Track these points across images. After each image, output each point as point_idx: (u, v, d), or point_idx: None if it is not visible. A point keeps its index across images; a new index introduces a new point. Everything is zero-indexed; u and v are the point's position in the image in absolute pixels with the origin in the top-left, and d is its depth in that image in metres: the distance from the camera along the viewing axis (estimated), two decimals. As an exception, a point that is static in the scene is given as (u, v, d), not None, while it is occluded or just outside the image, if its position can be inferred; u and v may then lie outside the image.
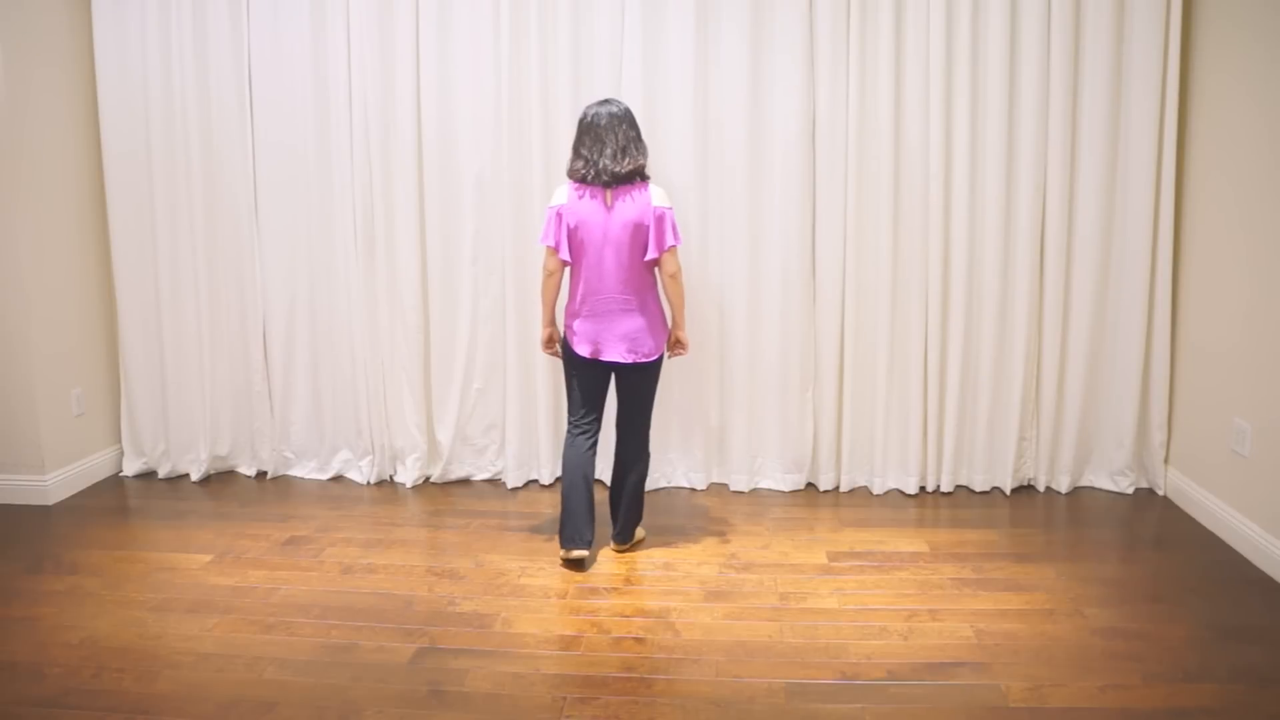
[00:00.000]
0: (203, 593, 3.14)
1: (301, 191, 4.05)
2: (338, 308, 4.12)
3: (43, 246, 3.89)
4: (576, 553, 3.27)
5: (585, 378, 3.30)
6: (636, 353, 3.22)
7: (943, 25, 3.71)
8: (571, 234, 3.18)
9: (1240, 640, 2.77)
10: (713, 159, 3.88)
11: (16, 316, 3.83)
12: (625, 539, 3.41)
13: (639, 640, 2.81)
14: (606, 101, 3.20)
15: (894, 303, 3.90)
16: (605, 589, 3.15)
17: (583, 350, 3.23)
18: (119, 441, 4.35)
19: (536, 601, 3.07)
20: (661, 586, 3.16)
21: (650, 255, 3.16)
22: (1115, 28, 3.70)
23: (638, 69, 3.80)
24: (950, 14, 3.72)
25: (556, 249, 3.19)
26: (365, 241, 4.03)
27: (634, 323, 3.20)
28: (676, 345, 3.38)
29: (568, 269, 3.30)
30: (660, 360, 3.31)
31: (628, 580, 3.22)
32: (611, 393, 3.56)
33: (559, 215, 3.18)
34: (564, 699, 2.52)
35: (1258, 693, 2.50)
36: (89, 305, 4.17)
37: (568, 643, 2.80)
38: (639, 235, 3.16)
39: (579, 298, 3.24)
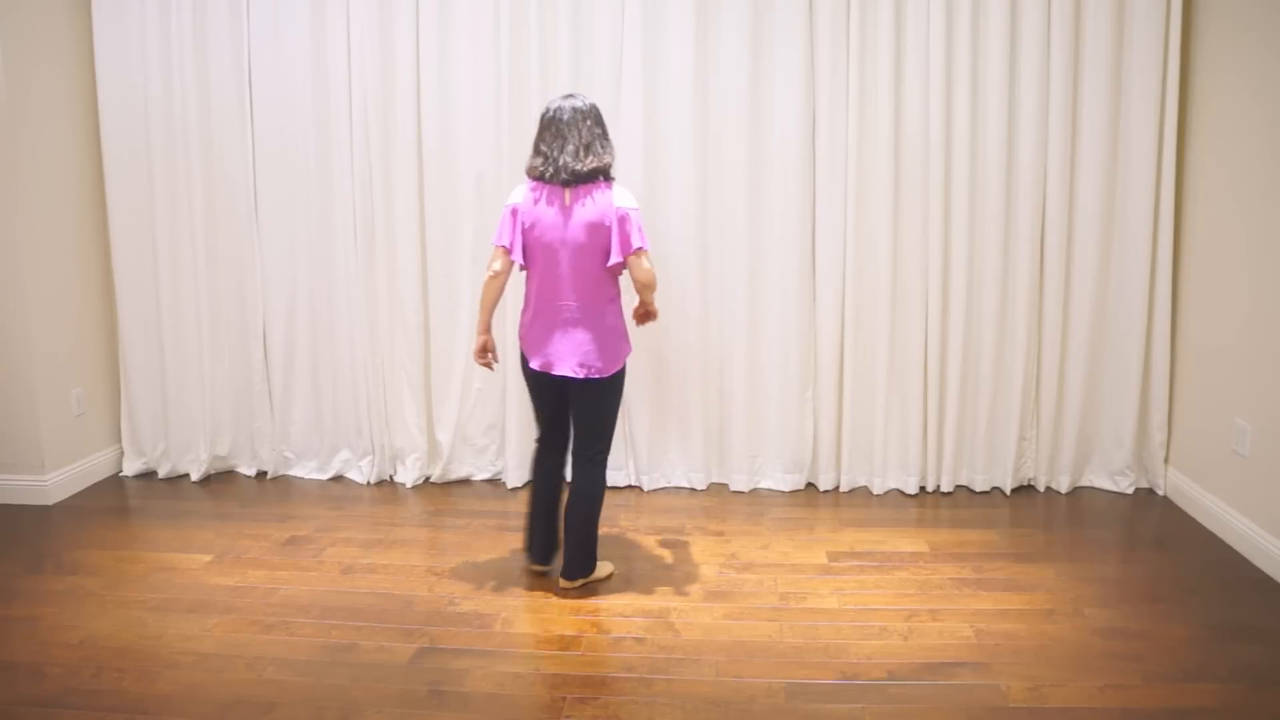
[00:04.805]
0: (203, 593, 3.14)
1: (301, 191, 4.05)
2: (338, 308, 4.11)
3: (43, 246, 3.89)
4: (537, 568, 3.23)
5: (540, 391, 3.10)
6: (588, 368, 2.96)
7: (943, 26, 3.71)
8: (526, 235, 2.95)
9: (1240, 640, 2.77)
10: (713, 158, 3.88)
11: (16, 316, 3.83)
12: (571, 575, 3.11)
13: (639, 640, 2.81)
14: (571, 95, 2.97)
15: (894, 302, 3.90)
16: (605, 589, 3.15)
17: (534, 362, 3.02)
18: (119, 441, 4.35)
19: (536, 601, 3.06)
20: (661, 586, 3.16)
21: (613, 260, 2.91)
22: (1115, 28, 3.70)
23: (638, 69, 3.79)
24: (950, 14, 3.72)
25: (510, 250, 2.96)
26: (365, 241, 4.03)
27: (587, 335, 2.95)
28: (646, 317, 3.14)
29: (518, 275, 3.07)
30: (617, 378, 3.04)
31: (628, 580, 3.22)
32: None
33: (514, 214, 2.96)
34: (564, 699, 2.52)
35: (1258, 693, 2.50)
36: (89, 305, 4.17)
37: (568, 643, 2.80)
38: (599, 239, 2.91)
39: (532, 306, 3.03)
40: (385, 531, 3.65)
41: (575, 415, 3.07)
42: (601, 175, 2.94)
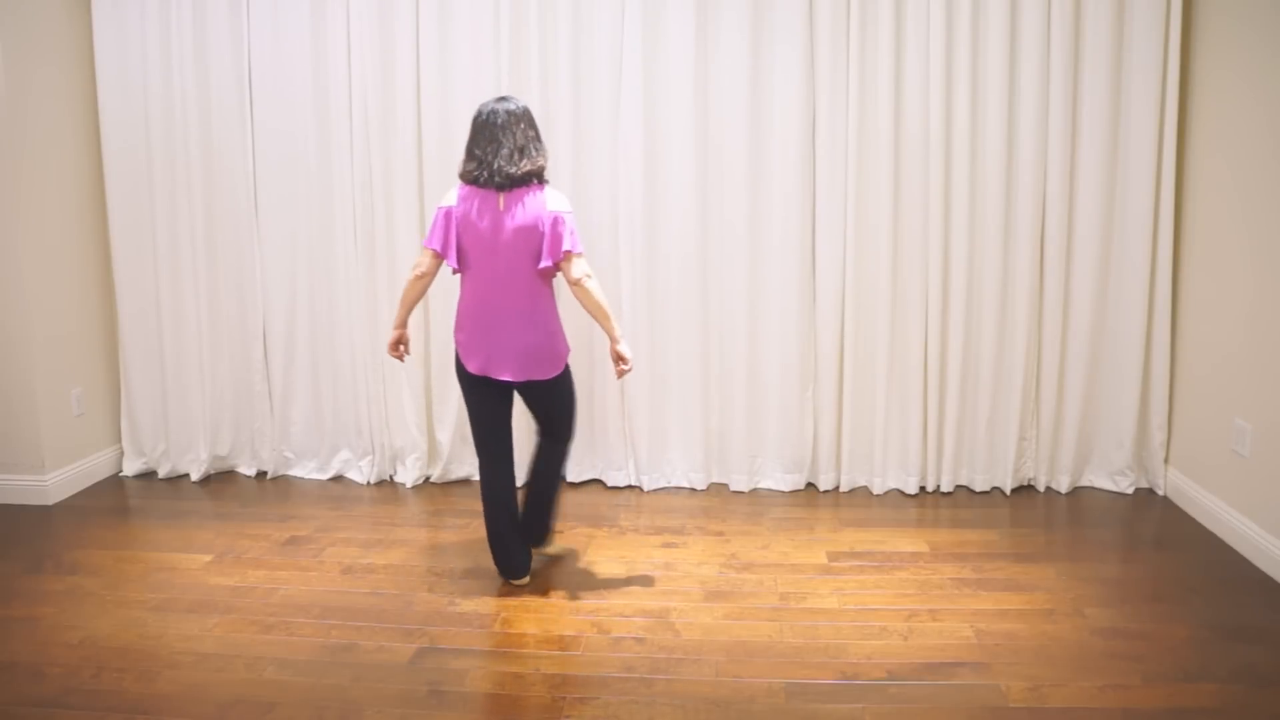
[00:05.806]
0: (203, 593, 3.14)
1: (302, 191, 4.05)
2: (338, 307, 4.12)
3: (43, 246, 3.89)
4: (518, 582, 3.19)
5: (479, 396, 3.06)
6: (529, 371, 2.99)
7: (943, 25, 3.71)
8: (460, 238, 2.94)
9: (1240, 640, 2.77)
10: (713, 158, 3.88)
11: (16, 316, 3.83)
12: (541, 543, 3.30)
13: (639, 640, 2.81)
14: (504, 99, 2.96)
15: (894, 302, 3.90)
16: (605, 589, 3.15)
17: (472, 365, 3.00)
18: (119, 441, 4.35)
19: (536, 601, 3.07)
20: (661, 586, 3.16)
21: (544, 263, 2.91)
22: (1115, 27, 3.70)
23: (638, 69, 3.79)
24: (950, 14, 3.72)
25: (443, 253, 2.95)
26: (365, 241, 4.03)
27: (525, 338, 2.96)
28: (618, 361, 3.04)
29: (450, 277, 3.13)
30: (563, 374, 3.08)
31: (628, 580, 3.22)
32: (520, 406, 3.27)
33: (447, 216, 2.94)
34: (564, 699, 2.52)
35: (1258, 693, 2.50)
36: (89, 305, 4.17)
37: (568, 643, 2.80)
38: (533, 242, 2.91)
39: (467, 309, 3.01)
40: (385, 531, 3.65)
41: (535, 412, 3.19)
42: (535, 178, 2.93)
